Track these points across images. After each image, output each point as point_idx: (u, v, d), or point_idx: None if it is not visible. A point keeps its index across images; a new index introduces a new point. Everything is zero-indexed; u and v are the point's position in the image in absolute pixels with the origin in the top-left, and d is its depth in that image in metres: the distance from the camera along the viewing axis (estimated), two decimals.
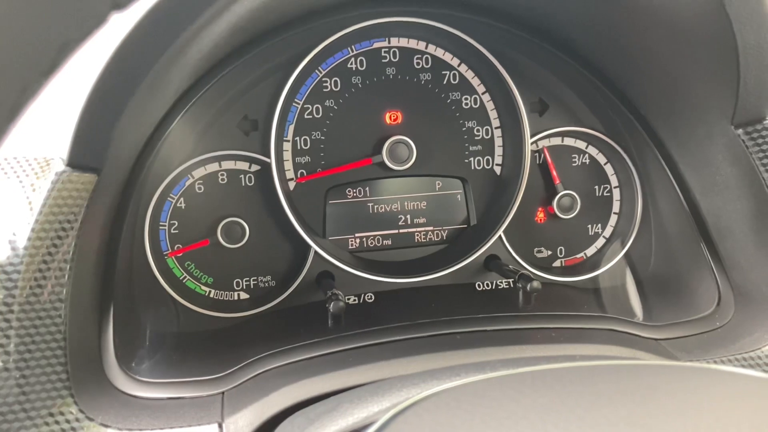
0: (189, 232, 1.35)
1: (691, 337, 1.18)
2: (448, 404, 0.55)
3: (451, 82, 1.44)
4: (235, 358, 1.09)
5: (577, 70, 1.40)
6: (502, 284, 1.46)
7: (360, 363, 1.01)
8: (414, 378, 0.82)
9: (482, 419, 0.51)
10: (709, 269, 1.29)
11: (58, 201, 0.91)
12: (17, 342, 0.86)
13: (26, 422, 0.85)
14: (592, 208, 1.51)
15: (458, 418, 0.52)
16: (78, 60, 0.47)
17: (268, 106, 1.34)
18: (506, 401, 0.53)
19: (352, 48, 1.39)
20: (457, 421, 0.51)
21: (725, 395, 0.55)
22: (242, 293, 1.39)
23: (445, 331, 1.13)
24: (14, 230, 0.89)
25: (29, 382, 0.87)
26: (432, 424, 0.52)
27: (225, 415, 0.93)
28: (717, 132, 1.16)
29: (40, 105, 0.48)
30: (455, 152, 1.46)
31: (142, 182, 1.21)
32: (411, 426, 0.53)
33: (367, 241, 1.45)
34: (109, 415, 0.92)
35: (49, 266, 0.89)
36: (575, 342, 1.10)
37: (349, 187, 1.43)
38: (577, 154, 1.49)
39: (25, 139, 0.95)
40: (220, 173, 1.35)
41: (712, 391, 0.56)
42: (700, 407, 0.51)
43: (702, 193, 1.29)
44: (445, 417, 0.53)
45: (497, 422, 0.49)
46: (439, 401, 0.56)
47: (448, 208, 1.48)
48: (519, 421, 0.49)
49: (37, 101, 0.45)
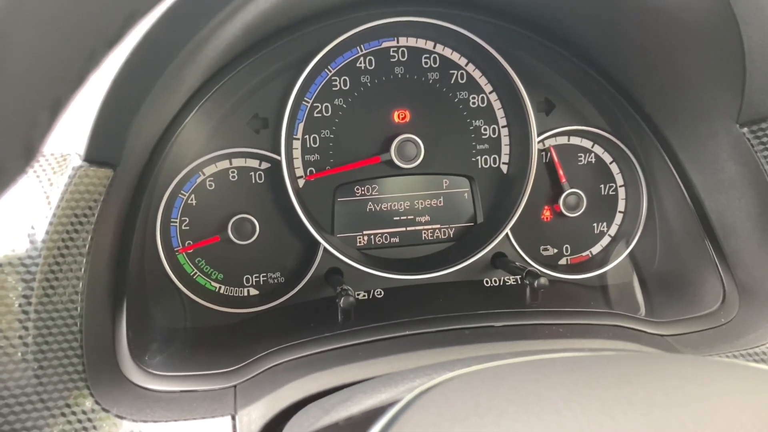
0: (200, 228, 1.36)
1: (695, 333, 1.19)
2: (471, 385, 0.57)
3: (459, 82, 1.45)
4: (246, 352, 1.10)
5: (583, 70, 1.42)
6: (510, 281, 1.47)
7: (370, 357, 1.02)
8: (427, 369, 0.83)
9: (505, 399, 0.52)
10: (714, 267, 1.30)
11: (75, 195, 0.92)
12: (35, 334, 0.87)
13: (44, 412, 0.87)
14: (598, 206, 1.52)
15: (482, 397, 0.53)
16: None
17: (279, 104, 1.35)
18: (527, 383, 0.55)
19: (361, 47, 1.40)
20: (481, 399, 0.53)
21: (726, 385, 0.56)
22: (252, 289, 1.41)
23: (453, 326, 1.14)
24: (32, 224, 0.90)
25: (47, 373, 0.88)
26: (454, 403, 0.53)
27: (238, 408, 0.94)
28: (722, 131, 1.17)
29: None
30: (462, 151, 1.47)
31: (154, 179, 1.22)
32: (435, 403, 0.54)
33: (375, 239, 1.47)
34: (124, 407, 0.93)
35: (66, 259, 0.91)
36: (582, 337, 1.11)
37: (358, 184, 1.44)
38: (583, 153, 1.51)
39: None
40: (231, 170, 1.37)
41: (713, 381, 0.57)
42: (700, 396, 0.53)
43: (707, 192, 1.30)
44: (469, 396, 0.54)
45: (518, 403, 0.51)
46: (462, 383, 0.58)
47: (456, 206, 1.49)
48: (539, 401, 0.50)
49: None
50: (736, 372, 0.61)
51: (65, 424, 0.88)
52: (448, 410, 0.53)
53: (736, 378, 0.59)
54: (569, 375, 0.56)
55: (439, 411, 0.53)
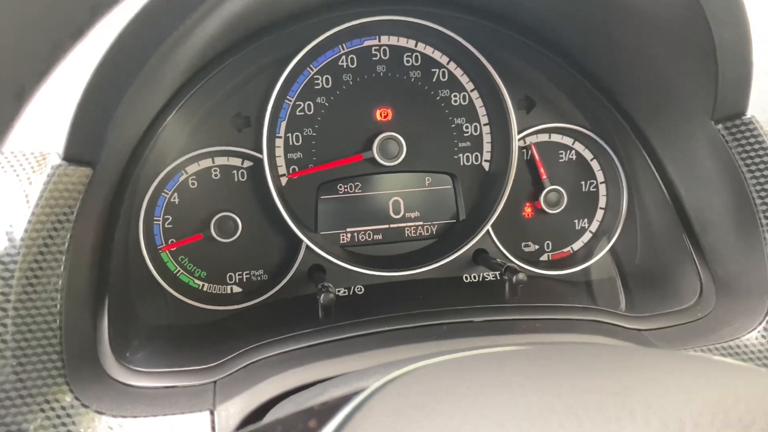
0: (183, 226, 1.37)
1: (673, 327, 1.20)
2: (433, 374, 0.59)
3: (440, 80, 1.47)
4: (227, 348, 1.11)
5: (563, 68, 1.43)
6: (489, 277, 1.49)
7: (349, 353, 1.03)
8: (400, 364, 0.84)
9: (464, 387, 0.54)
10: (692, 262, 1.31)
11: (54, 194, 0.93)
12: (14, 330, 0.88)
13: (23, 408, 0.88)
14: (579, 203, 1.54)
15: (442, 386, 0.55)
16: (73, 55, 0.49)
17: (261, 103, 1.36)
18: (488, 372, 0.57)
19: (343, 46, 1.41)
20: (441, 388, 0.54)
21: (682, 376, 0.57)
22: (235, 287, 1.42)
23: (432, 321, 1.15)
24: (11, 222, 0.91)
25: (26, 369, 0.89)
26: (415, 392, 0.55)
27: (217, 403, 0.95)
28: (698, 127, 1.19)
29: (36, 100, 0.50)
30: (444, 148, 1.49)
31: (136, 177, 1.23)
32: (397, 392, 0.56)
33: (358, 236, 1.48)
34: (104, 402, 0.94)
35: (45, 257, 0.92)
36: (558, 332, 1.12)
37: (341, 182, 1.45)
38: (563, 150, 1.52)
39: (21, 134, 0.98)
40: (214, 169, 1.38)
41: (670, 372, 0.58)
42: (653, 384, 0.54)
43: (685, 188, 1.31)
44: (431, 385, 0.56)
45: (476, 390, 0.53)
46: (424, 372, 0.60)
47: (438, 203, 1.50)
48: (498, 389, 0.52)
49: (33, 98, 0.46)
50: (699, 365, 0.62)
51: (44, 420, 0.89)
52: (409, 398, 0.54)
53: (695, 369, 0.60)
54: (529, 364, 0.57)
55: (400, 399, 0.54)
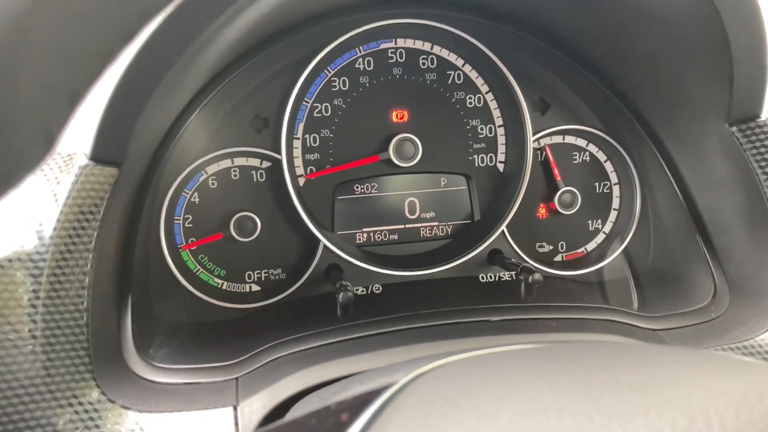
0: (203, 226, 1.39)
1: (687, 327, 1.21)
2: (462, 369, 0.60)
3: (456, 82, 1.48)
4: (247, 346, 1.13)
5: (577, 71, 1.44)
6: (505, 277, 1.50)
7: (368, 350, 1.04)
8: (423, 362, 0.86)
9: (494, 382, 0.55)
10: (706, 263, 1.32)
11: (81, 193, 0.95)
12: (43, 327, 0.90)
13: (52, 403, 0.89)
14: (593, 204, 1.55)
15: (473, 380, 0.56)
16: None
17: (279, 104, 1.38)
18: (516, 368, 0.58)
19: (360, 49, 1.43)
20: (472, 382, 0.56)
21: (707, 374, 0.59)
22: (254, 285, 1.44)
23: (449, 320, 1.16)
24: (40, 221, 0.93)
25: (55, 365, 0.91)
26: (446, 386, 0.57)
27: (240, 399, 0.96)
28: (712, 130, 1.20)
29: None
30: (459, 150, 1.50)
31: (158, 177, 1.25)
32: (427, 386, 0.58)
33: (374, 236, 1.49)
34: (129, 398, 0.96)
35: (73, 255, 0.94)
36: (574, 331, 1.13)
37: (357, 183, 1.47)
38: (577, 151, 1.53)
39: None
40: (233, 169, 1.40)
41: (695, 370, 0.59)
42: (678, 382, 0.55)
43: (699, 189, 1.32)
44: (461, 379, 0.57)
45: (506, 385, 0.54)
46: (453, 367, 0.61)
47: (453, 204, 1.52)
48: (527, 383, 0.53)
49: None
50: (720, 363, 0.64)
51: (72, 415, 0.91)
52: (441, 391, 0.56)
53: (718, 367, 0.61)
54: (556, 361, 0.59)
55: (432, 392, 0.56)
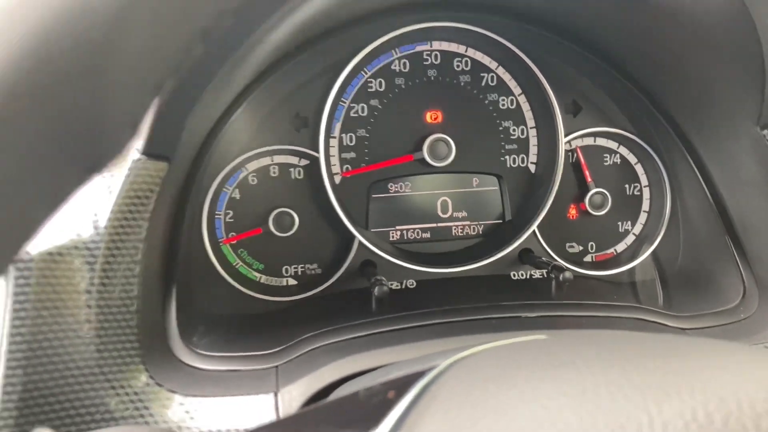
0: (243, 221, 1.43)
1: (716, 327, 1.23)
2: (501, 354, 0.63)
3: (489, 84, 1.51)
4: (285, 336, 1.17)
5: (609, 73, 1.46)
6: (536, 275, 1.53)
7: (403, 342, 1.07)
8: (459, 351, 0.89)
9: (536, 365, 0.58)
10: (735, 264, 1.34)
11: (134, 186, 0.99)
12: (97, 312, 0.94)
13: (104, 384, 0.94)
14: (623, 205, 1.57)
15: (515, 364, 0.59)
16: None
17: (318, 104, 1.42)
18: (554, 352, 0.61)
19: (396, 51, 1.47)
20: (514, 365, 0.59)
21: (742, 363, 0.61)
22: (290, 279, 1.48)
23: (481, 316, 1.19)
24: (96, 212, 0.98)
25: (107, 348, 0.95)
26: (488, 368, 0.60)
27: (280, 386, 1.00)
28: (743, 133, 1.21)
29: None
30: (492, 150, 1.53)
31: (202, 173, 1.30)
32: (468, 369, 0.61)
33: (408, 234, 1.53)
34: (175, 382, 0.99)
35: (126, 245, 0.98)
36: (603, 329, 1.16)
37: (392, 181, 1.50)
38: (608, 153, 1.55)
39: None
40: (272, 167, 1.44)
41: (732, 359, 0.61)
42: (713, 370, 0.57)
43: (728, 192, 1.33)
44: (502, 362, 0.60)
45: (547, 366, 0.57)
46: (492, 353, 0.65)
47: (485, 203, 1.54)
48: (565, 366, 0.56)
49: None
50: (753, 352, 0.65)
51: (123, 396, 0.95)
52: (482, 372, 0.59)
53: (748, 356, 0.63)
54: (591, 347, 0.62)
55: (473, 374, 0.59)
